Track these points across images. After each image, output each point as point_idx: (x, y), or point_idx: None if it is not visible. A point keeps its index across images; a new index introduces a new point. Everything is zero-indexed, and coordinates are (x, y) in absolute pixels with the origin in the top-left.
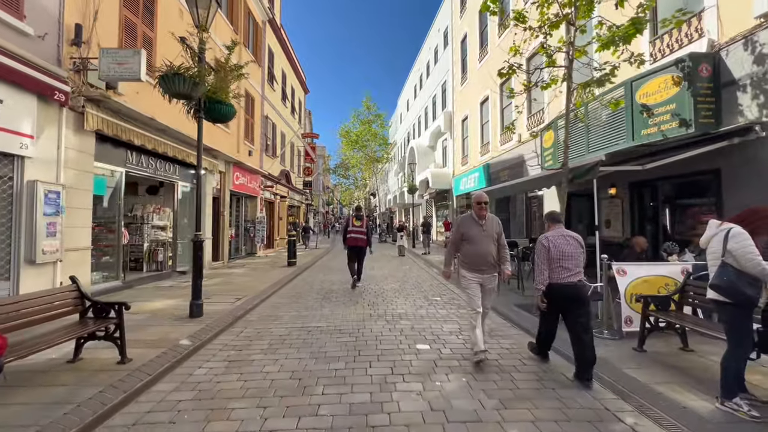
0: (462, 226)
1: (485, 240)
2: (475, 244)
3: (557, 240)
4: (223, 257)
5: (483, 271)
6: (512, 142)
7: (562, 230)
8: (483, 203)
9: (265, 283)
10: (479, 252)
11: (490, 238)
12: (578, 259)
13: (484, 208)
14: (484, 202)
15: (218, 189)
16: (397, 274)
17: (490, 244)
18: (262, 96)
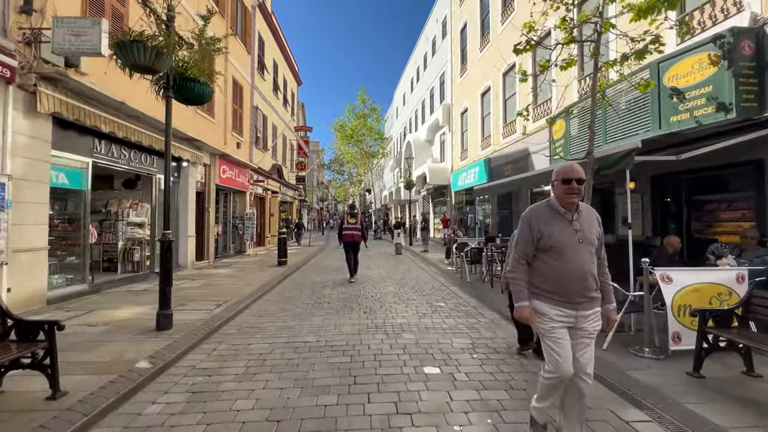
0: (536, 222)
1: (580, 250)
2: (562, 256)
3: None
4: (209, 256)
5: (577, 304)
6: (515, 135)
7: None
8: (576, 181)
9: (251, 285)
10: (571, 271)
11: (588, 245)
12: None
13: (578, 192)
14: (577, 180)
15: (203, 183)
16: (396, 275)
17: (588, 256)
18: (252, 85)
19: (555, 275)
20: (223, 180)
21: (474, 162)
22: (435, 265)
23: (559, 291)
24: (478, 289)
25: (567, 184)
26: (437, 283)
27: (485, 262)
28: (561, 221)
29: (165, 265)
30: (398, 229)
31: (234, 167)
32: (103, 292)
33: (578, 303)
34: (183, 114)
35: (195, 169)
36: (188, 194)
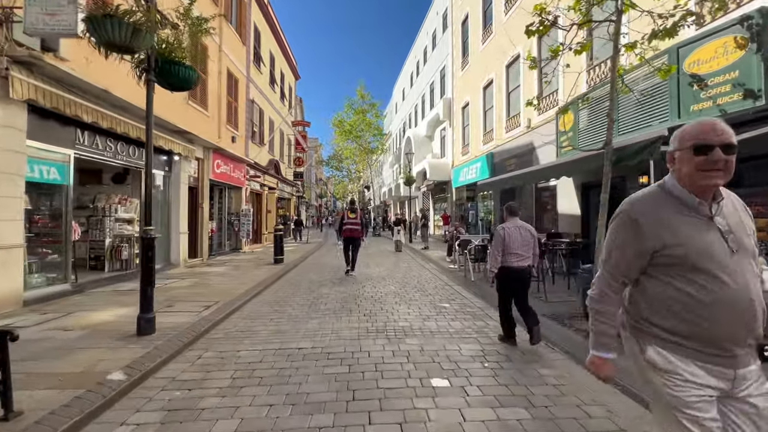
0: (650, 221)
1: (737, 264)
2: (705, 275)
3: (511, 230)
4: (203, 254)
5: (735, 358)
6: (520, 129)
7: (518, 222)
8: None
9: (244, 284)
10: (725, 300)
11: (745, 256)
12: (529, 247)
13: (724, 169)
14: (724, 147)
15: (196, 178)
16: (396, 274)
17: (750, 274)
18: (248, 78)
19: (694, 308)
20: (218, 175)
21: (476, 157)
22: (436, 263)
23: (703, 335)
24: (483, 289)
25: (704, 153)
26: (440, 282)
27: None
28: (693, 218)
29: (146, 264)
30: (398, 226)
31: (229, 162)
32: (88, 291)
33: (737, 355)
34: (173, 105)
35: (187, 163)
36: (180, 189)
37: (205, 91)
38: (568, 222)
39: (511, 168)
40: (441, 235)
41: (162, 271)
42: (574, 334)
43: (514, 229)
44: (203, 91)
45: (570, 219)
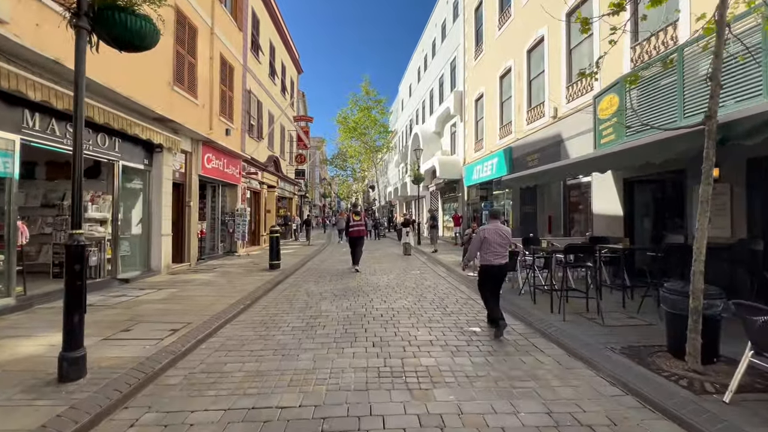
0: None
1: None
2: None
3: (491, 233)
4: (190, 258)
5: None
6: (544, 120)
7: (498, 225)
8: None
9: (228, 298)
10: None
11: None
12: (506, 247)
13: None
14: None
15: (182, 173)
16: (408, 283)
17: None
18: (244, 66)
19: None
20: (208, 170)
21: (491, 153)
22: (451, 270)
23: None
24: (518, 306)
25: None
26: (461, 295)
27: (554, 270)
28: None
29: (72, 282)
30: (407, 228)
31: (222, 156)
32: (36, 307)
33: None
34: (154, 88)
35: (171, 156)
36: (162, 186)
37: (194, 76)
38: (605, 224)
39: (533, 163)
40: (451, 237)
41: (138, 279)
42: (670, 383)
43: (493, 230)
44: (191, 75)
45: (608, 220)
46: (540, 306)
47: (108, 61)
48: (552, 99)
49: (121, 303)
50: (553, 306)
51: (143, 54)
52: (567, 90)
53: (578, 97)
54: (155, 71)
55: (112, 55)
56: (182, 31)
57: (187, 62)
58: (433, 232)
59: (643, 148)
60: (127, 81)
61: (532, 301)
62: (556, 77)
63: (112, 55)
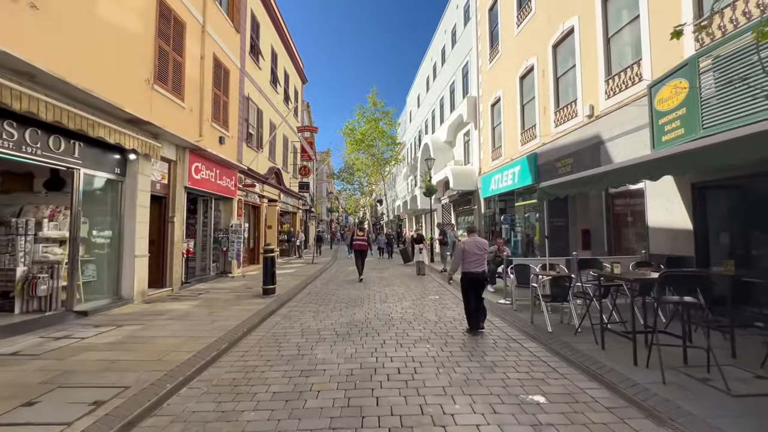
0: None
1: None
2: None
3: (470, 245)
4: (172, 282)
5: None
6: (576, 120)
7: (475, 238)
8: None
9: (199, 339)
10: None
11: None
12: (483, 258)
13: None
14: None
15: (165, 184)
16: (427, 314)
17: None
18: (242, 70)
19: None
20: (197, 182)
21: (512, 160)
22: None
23: None
24: (580, 352)
25: None
26: (500, 334)
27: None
28: None
29: None
30: (419, 244)
31: (214, 166)
32: None
33: None
34: (125, 83)
35: (148, 164)
36: (137, 198)
37: (180, 75)
38: (665, 239)
39: (566, 170)
40: None
41: (102, 311)
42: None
43: (472, 243)
44: (177, 75)
45: (671, 235)
46: (612, 353)
47: (62, 46)
48: (587, 96)
49: (56, 350)
50: (636, 356)
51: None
52: (606, 84)
53: (621, 90)
54: (128, 65)
55: (67, 40)
56: (166, 25)
57: (172, 60)
58: (443, 249)
59: (744, 142)
60: (87, 71)
61: (597, 343)
62: (590, 71)
63: (67, 39)
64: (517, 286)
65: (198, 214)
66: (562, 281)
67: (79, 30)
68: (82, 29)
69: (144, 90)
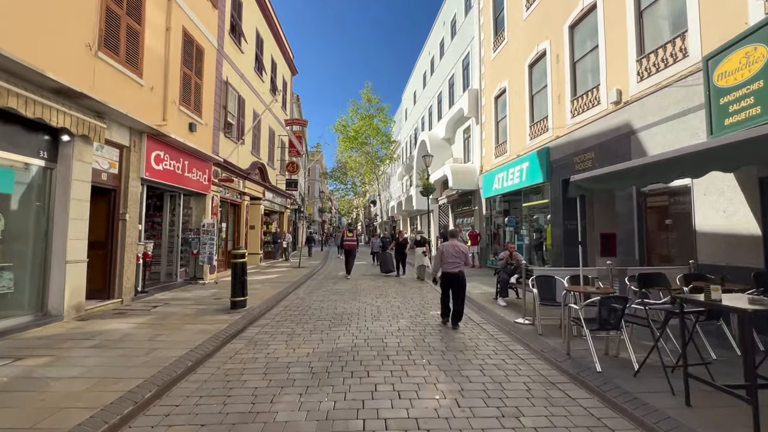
0: None
1: None
2: None
3: (449, 248)
4: (123, 292)
5: None
6: (599, 108)
7: (455, 242)
8: None
9: (120, 382)
10: None
11: None
12: (460, 259)
13: None
14: None
15: (115, 174)
16: (432, 340)
17: None
18: (220, 51)
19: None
20: (158, 173)
21: (518, 157)
22: (486, 309)
23: None
24: (660, 413)
25: None
26: (532, 374)
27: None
28: None
29: None
30: (422, 247)
31: (181, 156)
32: None
33: None
34: (54, 44)
35: (90, 148)
36: (71, 190)
37: (136, 46)
38: (720, 247)
39: (586, 165)
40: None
41: (14, 334)
42: None
43: (451, 246)
44: (133, 44)
45: (728, 241)
46: (707, 416)
47: None
48: (612, 80)
49: None
50: (759, 426)
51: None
52: (638, 65)
53: (659, 70)
54: (58, 23)
55: None
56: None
57: (126, 26)
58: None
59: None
60: (11, 32)
61: (673, 394)
62: (618, 50)
63: None
64: (542, 304)
65: (164, 211)
66: (612, 302)
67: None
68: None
69: (83, 57)
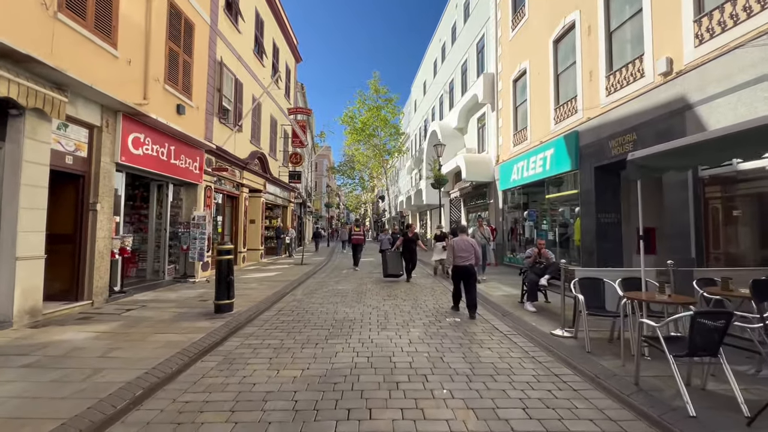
0: None
1: None
2: None
3: (459, 242)
4: (92, 294)
5: None
6: (643, 82)
7: (463, 237)
8: None
9: (26, 426)
10: None
11: None
12: (470, 252)
13: None
14: None
15: (83, 158)
16: (454, 359)
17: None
18: (213, 28)
19: None
20: (137, 158)
21: (541, 143)
22: (515, 318)
23: None
24: None
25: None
26: (593, 416)
27: None
28: None
29: None
30: (441, 242)
31: (167, 141)
32: None
33: None
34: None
35: (46, 126)
36: (21, 173)
37: (109, 11)
38: None
39: (624, 149)
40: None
41: None
42: None
43: (461, 241)
44: (104, 9)
45: None
46: None
47: None
48: (660, 48)
49: None
50: None
51: None
52: (697, 25)
53: (727, 28)
54: None
55: None
56: None
57: None
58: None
59: None
60: None
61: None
62: (668, 12)
63: None
64: (591, 314)
65: (151, 202)
66: (709, 319)
67: None
68: None
69: (36, 16)
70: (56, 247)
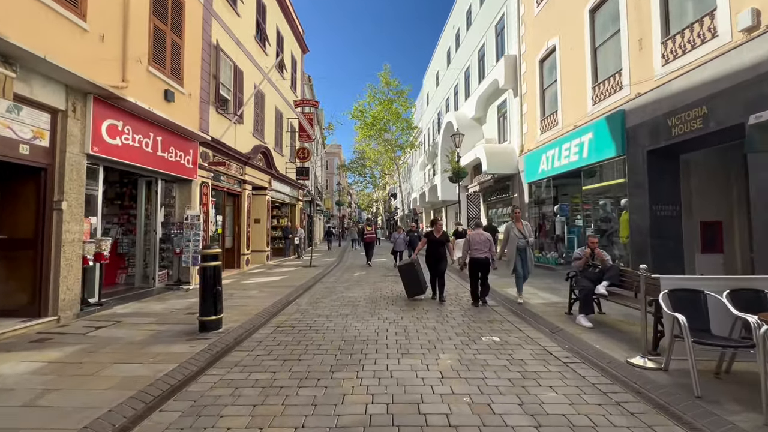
0: None
1: None
2: None
3: (474, 236)
4: (57, 308)
5: None
6: (716, 42)
7: (479, 231)
8: None
9: None
10: None
11: None
12: (485, 245)
13: None
14: None
15: (45, 148)
16: (503, 402)
17: None
18: (207, 8)
19: None
20: (114, 149)
21: (576, 128)
22: (569, 337)
23: None
24: None
25: None
26: None
27: None
28: None
29: None
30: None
31: (151, 130)
32: None
33: None
34: None
35: None
36: None
37: None
38: None
39: (688, 128)
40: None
41: None
42: None
43: (476, 234)
44: None
45: None
46: None
47: None
48: (738, 0)
49: None
50: None
51: None
52: None
53: None
54: None
55: None
56: None
57: None
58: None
59: None
60: None
61: None
62: None
63: None
64: (696, 342)
65: (139, 201)
66: None
67: None
68: None
69: None
70: (13, 254)
